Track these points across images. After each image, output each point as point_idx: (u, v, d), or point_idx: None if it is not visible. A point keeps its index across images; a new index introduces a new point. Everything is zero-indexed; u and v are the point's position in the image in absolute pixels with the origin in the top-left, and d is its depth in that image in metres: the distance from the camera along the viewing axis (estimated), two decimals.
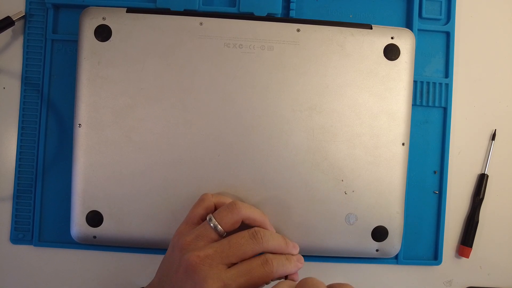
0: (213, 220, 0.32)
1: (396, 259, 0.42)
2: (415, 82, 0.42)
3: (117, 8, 0.38)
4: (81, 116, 0.38)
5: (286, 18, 0.42)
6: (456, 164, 0.44)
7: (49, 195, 0.42)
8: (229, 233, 0.33)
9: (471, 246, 0.43)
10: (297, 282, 0.28)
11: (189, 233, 0.33)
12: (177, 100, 0.38)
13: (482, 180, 0.44)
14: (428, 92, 0.43)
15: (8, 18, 0.41)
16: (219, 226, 0.32)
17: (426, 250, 0.43)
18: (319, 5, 0.43)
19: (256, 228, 0.33)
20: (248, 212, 0.33)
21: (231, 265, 0.31)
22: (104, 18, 0.38)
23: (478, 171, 0.44)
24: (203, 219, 0.34)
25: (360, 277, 0.43)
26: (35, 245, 0.42)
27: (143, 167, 0.38)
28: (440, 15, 0.43)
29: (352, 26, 0.39)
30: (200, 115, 0.38)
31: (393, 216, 0.39)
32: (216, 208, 0.35)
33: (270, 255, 0.32)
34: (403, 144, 0.39)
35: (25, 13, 0.42)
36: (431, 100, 0.43)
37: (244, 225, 0.34)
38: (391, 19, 0.44)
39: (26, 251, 0.42)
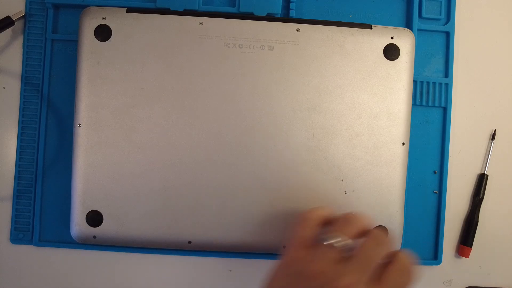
0: (338, 238, 0.29)
1: None
2: (415, 82, 0.42)
3: (117, 8, 0.38)
4: (81, 116, 0.38)
5: (286, 18, 0.42)
6: (456, 164, 0.44)
7: (49, 195, 0.42)
8: None
9: (471, 246, 0.43)
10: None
11: (312, 259, 0.29)
12: (177, 100, 0.38)
13: (482, 180, 0.44)
14: (428, 92, 0.43)
15: (8, 18, 0.41)
16: (347, 243, 0.29)
17: (426, 250, 0.43)
18: (319, 5, 0.43)
19: (374, 232, 0.30)
20: (364, 223, 0.31)
21: (369, 279, 0.28)
22: (104, 18, 0.38)
23: (478, 171, 0.44)
24: (313, 239, 0.31)
25: None
26: (35, 245, 0.42)
27: (143, 167, 0.38)
28: (440, 15, 0.43)
29: (352, 26, 0.39)
30: (200, 115, 0.38)
31: (393, 216, 0.39)
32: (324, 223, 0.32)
33: (407, 260, 0.29)
34: (403, 144, 0.39)
35: (25, 13, 0.42)
36: (431, 100, 0.43)
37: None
38: (391, 19, 0.44)
39: (26, 251, 0.42)
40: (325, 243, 0.29)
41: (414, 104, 0.42)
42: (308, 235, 0.31)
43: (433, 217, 0.43)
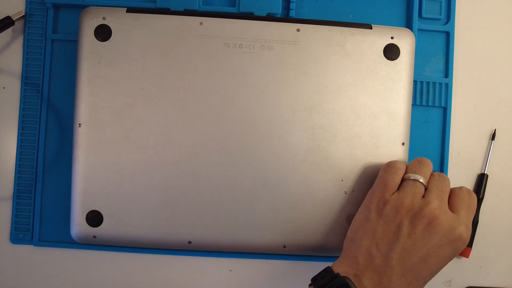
0: (420, 178, 0.35)
1: None
2: (415, 82, 0.42)
3: (117, 8, 0.38)
4: (81, 116, 0.38)
5: (286, 18, 0.42)
6: (456, 164, 0.44)
7: (49, 195, 0.42)
8: None
9: (470, 245, 0.43)
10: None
11: (402, 196, 0.34)
12: (177, 100, 0.38)
13: (482, 180, 0.44)
14: (428, 92, 0.43)
15: (8, 18, 0.41)
16: (422, 179, 0.35)
17: None
18: (319, 5, 0.43)
19: (437, 173, 0.36)
20: (430, 164, 0.37)
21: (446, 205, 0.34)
22: (104, 18, 0.38)
23: (478, 171, 0.44)
24: (397, 185, 0.36)
25: None
26: (35, 245, 0.42)
27: (143, 167, 0.38)
28: (440, 15, 0.43)
29: (352, 26, 0.39)
30: (200, 115, 0.38)
31: None
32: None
33: (464, 190, 0.36)
34: (403, 144, 0.39)
35: (25, 13, 0.42)
36: (431, 100, 0.43)
37: None
38: (391, 19, 0.44)
39: (26, 251, 0.42)
40: (411, 178, 0.35)
41: (414, 104, 0.42)
42: (395, 180, 0.35)
43: None
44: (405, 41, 0.39)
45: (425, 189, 0.35)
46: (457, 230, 0.33)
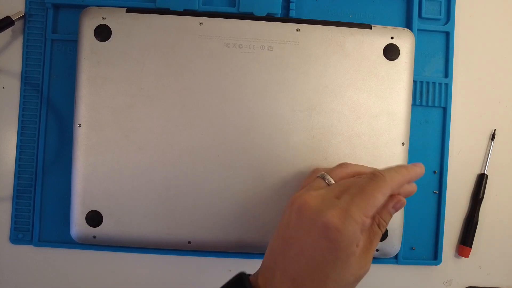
0: (325, 174, 0.32)
1: (396, 259, 0.42)
2: (415, 82, 0.42)
3: (117, 8, 0.38)
4: (81, 116, 0.38)
5: (285, 18, 0.42)
6: (456, 164, 0.44)
7: (49, 195, 0.42)
8: None
9: (470, 246, 0.43)
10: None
11: (298, 191, 0.32)
12: (177, 100, 0.38)
13: (481, 180, 0.44)
14: (427, 92, 0.43)
15: (7, 18, 0.41)
16: (330, 178, 0.31)
17: (426, 250, 0.43)
18: (319, 5, 0.43)
19: (371, 171, 0.31)
20: (359, 168, 0.33)
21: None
22: (104, 18, 0.38)
23: (477, 171, 0.44)
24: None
25: None
26: (34, 245, 0.42)
27: (143, 167, 0.38)
28: (440, 15, 0.43)
29: (352, 26, 0.39)
30: (200, 115, 0.38)
31: (393, 216, 0.39)
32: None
33: (377, 169, 0.31)
34: (403, 144, 0.39)
35: (25, 13, 0.42)
36: (431, 100, 0.43)
37: None
38: (391, 19, 0.44)
39: (26, 251, 0.42)
40: (317, 176, 0.32)
41: (414, 104, 0.42)
42: (307, 181, 0.33)
43: (433, 217, 0.43)
44: (405, 41, 0.39)
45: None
46: (325, 214, 0.27)
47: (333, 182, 0.32)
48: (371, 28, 0.39)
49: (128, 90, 0.38)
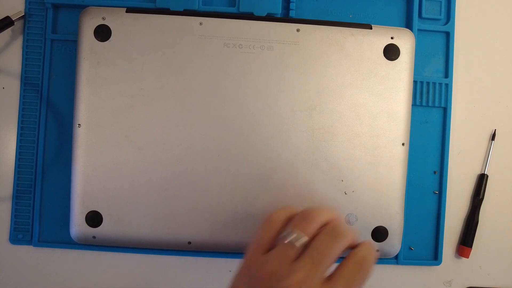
0: (293, 235, 0.28)
1: (396, 259, 0.42)
2: (415, 82, 0.42)
3: (116, 8, 0.38)
4: (81, 116, 0.38)
5: (286, 18, 0.42)
6: (456, 164, 0.44)
7: (49, 195, 0.42)
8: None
9: (471, 246, 0.43)
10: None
11: (266, 260, 0.28)
12: (176, 100, 0.38)
13: (482, 180, 0.44)
14: (428, 92, 0.43)
15: (7, 18, 0.41)
16: (301, 240, 0.28)
17: (426, 250, 0.43)
18: (319, 5, 0.43)
19: (330, 225, 0.29)
20: (326, 216, 0.29)
21: (323, 275, 0.27)
22: (103, 18, 0.38)
23: (478, 171, 0.44)
24: (273, 242, 0.30)
25: None
26: (34, 246, 0.42)
27: (143, 167, 0.38)
28: (440, 15, 0.43)
29: (352, 26, 0.39)
30: (200, 115, 0.38)
31: (393, 216, 0.39)
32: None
33: (365, 253, 0.28)
34: (403, 144, 0.39)
35: (25, 13, 0.42)
36: (431, 100, 0.43)
37: None
38: (391, 19, 0.44)
39: (26, 251, 0.42)
40: (285, 241, 0.28)
41: (414, 104, 0.42)
42: (268, 237, 0.29)
43: (433, 217, 0.43)
44: (405, 41, 0.39)
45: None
46: None
47: (306, 239, 0.28)
48: (371, 28, 0.39)
49: (128, 90, 0.38)
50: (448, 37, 0.44)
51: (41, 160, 0.42)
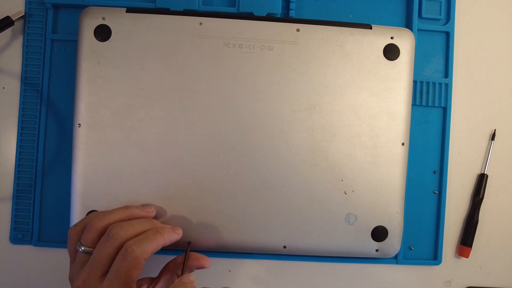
0: (79, 244, 0.33)
1: (395, 259, 0.42)
2: (414, 82, 0.42)
3: (116, 8, 0.38)
4: (81, 116, 0.38)
5: (285, 18, 0.42)
6: (456, 164, 0.44)
7: (49, 195, 0.42)
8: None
9: (470, 246, 0.43)
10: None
11: (71, 269, 0.34)
12: (176, 100, 0.38)
13: (481, 180, 0.44)
14: (427, 92, 0.43)
15: (7, 18, 0.41)
16: (83, 247, 0.32)
17: (426, 250, 0.43)
18: (319, 5, 0.43)
19: (109, 227, 0.32)
20: (104, 221, 0.33)
21: (104, 273, 0.32)
22: (103, 18, 0.38)
23: (477, 171, 0.44)
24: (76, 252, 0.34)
25: (360, 277, 0.43)
26: (34, 245, 0.42)
27: (143, 167, 0.38)
28: (440, 15, 0.43)
29: (352, 26, 0.39)
30: (200, 115, 0.38)
31: (393, 216, 0.39)
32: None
33: (129, 242, 0.31)
34: (402, 144, 0.39)
35: (25, 13, 0.42)
36: (431, 100, 0.43)
37: None
38: (391, 19, 0.44)
39: (26, 251, 0.42)
40: (79, 250, 0.33)
41: (414, 104, 0.42)
42: (71, 249, 0.34)
43: (433, 217, 0.43)
44: (405, 41, 0.39)
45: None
46: None
47: (90, 249, 0.32)
48: (371, 28, 0.39)
49: (128, 90, 0.38)
50: (448, 37, 0.44)
51: (41, 160, 0.42)
